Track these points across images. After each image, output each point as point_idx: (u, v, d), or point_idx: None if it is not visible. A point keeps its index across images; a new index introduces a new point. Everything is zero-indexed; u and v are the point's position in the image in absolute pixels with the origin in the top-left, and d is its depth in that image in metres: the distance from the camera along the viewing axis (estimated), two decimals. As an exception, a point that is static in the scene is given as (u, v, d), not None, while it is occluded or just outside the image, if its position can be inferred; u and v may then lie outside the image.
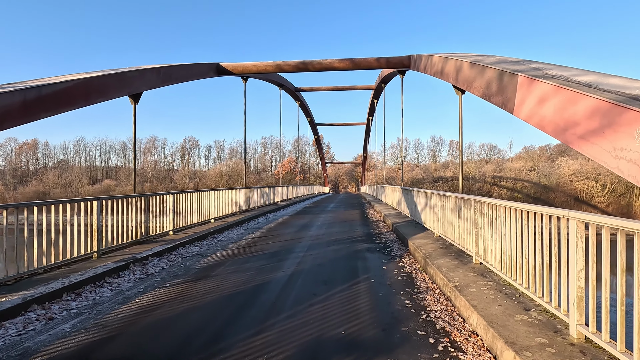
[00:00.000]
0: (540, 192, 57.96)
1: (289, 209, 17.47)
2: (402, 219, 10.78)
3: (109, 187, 72.03)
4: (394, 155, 79.25)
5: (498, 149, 78.58)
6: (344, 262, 6.13)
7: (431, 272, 5.05)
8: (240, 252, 6.94)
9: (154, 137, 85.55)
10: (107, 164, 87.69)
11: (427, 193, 8.38)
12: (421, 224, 9.07)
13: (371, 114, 32.46)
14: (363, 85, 23.93)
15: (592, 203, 54.48)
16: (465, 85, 6.31)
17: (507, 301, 3.54)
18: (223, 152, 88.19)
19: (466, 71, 6.12)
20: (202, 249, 7.26)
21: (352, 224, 11.29)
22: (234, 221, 10.84)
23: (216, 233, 8.98)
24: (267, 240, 8.26)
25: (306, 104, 31.08)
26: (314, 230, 9.97)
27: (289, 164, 74.03)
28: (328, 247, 7.47)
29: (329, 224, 11.43)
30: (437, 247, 6.39)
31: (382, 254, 6.81)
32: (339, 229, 10.23)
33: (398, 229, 8.93)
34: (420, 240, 7.12)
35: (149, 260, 5.95)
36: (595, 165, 56.06)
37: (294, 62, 10.79)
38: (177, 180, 70.79)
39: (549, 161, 64.16)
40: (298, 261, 6.17)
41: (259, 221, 12.07)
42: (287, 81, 21.82)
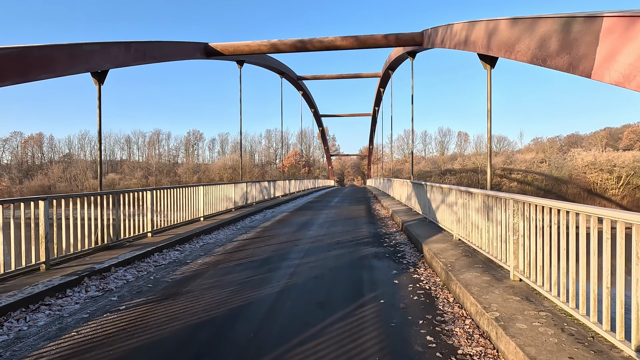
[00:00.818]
0: (551, 184, 56.27)
1: (290, 204, 16.45)
2: (412, 217, 9.69)
3: (114, 181, 71.80)
4: (400, 147, 77.79)
5: (508, 140, 76.73)
6: (347, 273, 5.08)
7: (456, 290, 3.98)
8: (226, 259, 5.92)
9: (158, 130, 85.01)
10: (112, 158, 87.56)
11: (443, 188, 7.26)
12: (435, 223, 7.98)
13: (377, 104, 31.16)
14: (369, 72, 22.64)
15: (606, 196, 52.78)
16: (503, 50, 5.03)
17: (581, 351, 2.45)
18: (227, 145, 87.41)
19: (504, 32, 4.90)
20: (183, 255, 6.26)
21: (357, 222, 10.22)
22: (227, 219, 9.84)
23: (204, 234, 7.99)
24: (260, 243, 7.23)
25: (309, 93, 29.88)
26: (314, 229, 8.93)
27: (294, 157, 72.95)
28: (329, 251, 6.42)
29: (331, 221, 10.38)
30: (458, 254, 5.30)
31: (392, 261, 5.74)
32: (342, 227, 9.18)
33: (409, 228, 7.84)
34: (437, 244, 6.04)
35: (112, 271, 4.96)
36: (610, 156, 54.18)
37: (291, 40, 9.62)
38: (181, 174, 70.23)
39: (560, 153, 62.25)
40: (291, 271, 5.14)
41: (255, 219, 11.06)
42: (289, 69, 20.63)
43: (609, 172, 52.81)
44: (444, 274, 4.55)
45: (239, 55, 11.13)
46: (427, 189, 8.73)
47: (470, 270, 4.45)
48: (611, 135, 73.84)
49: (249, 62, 13.65)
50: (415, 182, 10.49)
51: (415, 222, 8.79)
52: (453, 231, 6.42)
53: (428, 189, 8.60)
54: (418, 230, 7.56)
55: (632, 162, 52.14)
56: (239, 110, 13.27)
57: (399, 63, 16.53)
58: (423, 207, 9.30)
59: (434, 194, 7.97)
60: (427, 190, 8.63)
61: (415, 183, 10.51)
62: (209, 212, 10.11)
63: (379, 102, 29.89)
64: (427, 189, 8.65)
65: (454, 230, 6.39)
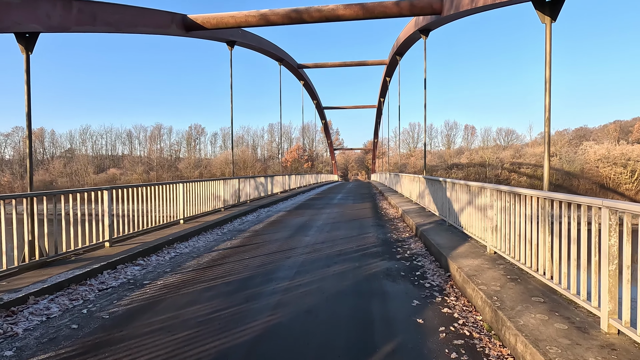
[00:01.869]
0: (562, 179, 54.50)
1: (289, 202, 15.11)
2: (427, 219, 8.31)
3: (115, 176, 71.12)
4: (405, 141, 75.94)
5: (516, 133, 74.63)
6: (350, 304, 3.74)
7: (518, 346, 2.61)
8: (195, 278, 4.60)
9: (159, 125, 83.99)
10: (114, 153, 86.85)
11: (471, 187, 5.86)
12: (458, 228, 6.60)
13: (383, 95, 29.60)
14: (374, 60, 21.11)
15: (619, 190, 51.03)
16: None
17: None
18: (229, 139, 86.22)
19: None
20: (143, 271, 4.94)
21: (363, 224, 8.86)
22: (213, 221, 8.53)
23: (179, 241, 6.67)
24: (245, 254, 5.90)
25: (311, 84, 28.37)
26: (312, 234, 7.59)
27: (296, 151, 71.52)
28: (328, 267, 5.08)
29: (332, 224, 9.02)
30: (502, 277, 3.93)
31: (410, 282, 4.39)
32: (345, 231, 7.83)
33: (426, 234, 6.47)
34: (468, 260, 4.66)
35: (29, 302, 3.65)
36: (624, 149, 52.23)
37: (284, 10, 8.14)
38: (182, 169, 69.22)
39: (571, 146, 60.32)
40: (276, 300, 3.80)
41: (246, 220, 9.74)
42: (288, 55, 19.16)
43: (623, 166, 50.99)
44: (490, 311, 3.18)
45: (225, 31, 9.72)
46: (446, 186, 7.33)
47: (529, 307, 3.07)
48: (621, 128, 71.75)
49: (242, 44, 12.23)
50: (430, 178, 9.09)
51: (431, 225, 7.41)
52: (487, 242, 5.03)
53: (448, 186, 7.20)
54: (437, 237, 6.19)
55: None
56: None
57: (408, 46, 14.98)
58: (441, 208, 7.91)
59: (457, 193, 6.57)
60: (447, 188, 7.23)
61: (430, 179, 9.11)
62: (192, 214, 8.79)
63: (385, 93, 28.36)
64: (447, 187, 7.25)
65: (487, 240, 5.00)
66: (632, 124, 72.43)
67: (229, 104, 53.00)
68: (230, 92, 11.51)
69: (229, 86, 11.98)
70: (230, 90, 11.47)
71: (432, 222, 7.88)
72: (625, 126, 72.92)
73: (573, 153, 57.10)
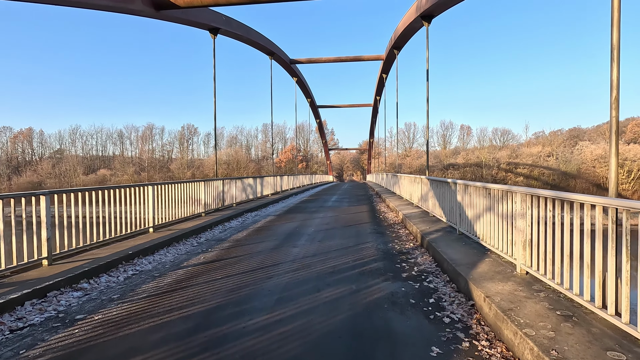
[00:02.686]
0: (559, 179, 54.10)
1: (280, 204, 14.06)
2: (432, 225, 7.32)
3: (105, 177, 69.58)
4: (400, 141, 75.13)
5: (512, 133, 74.21)
6: (345, 356, 2.71)
7: None
8: (146, 310, 3.56)
9: (151, 125, 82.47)
10: (105, 153, 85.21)
11: (491, 190, 4.86)
12: (472, 238, 5.62)
13: (379, 93, 28.67)
14: (370, 55, 20.13)
15: (616, 190, 50.56)
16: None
17: None
18: (223, 139, 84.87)
19: None
20: (83, 300, 3.88)
21: (360, 232, 7.84)
22: (189, 229, 7.47)
23: (141, 255, 5.60)
24: (217, 272, 4.86)
25: (305, 81, 27.33)
26: (302, 244, 6.56)
27: (291, 152, 70.39)
28: (318, 291, 4.05)
29: (326, 230, 8.00)
30: (549, 312, 2.93)
31: (425, 316, 3.38)
32: (340, 241, 6.81)
33: (434, 245, 5.48)
34: (496, 284, 3.67)
35: None
36: (621, 149, 51.90)
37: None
38: (174, 170, 67.84)
39: (568, 146, 60.01)
40: (243, 352, 2.77)
41: (229, 226, 8.67)
42: (279, 49, 18.09)
43: (620, 165, 50.66)
44: (550, 375, 2.18)
45: (203, 15, 8.69)
46: (456, 189, 6.34)
47: (611, 373, 2.07)
48: (613, 128, 71.60)
49: (227, 32, 11.17)
50: (435, 179, 8.10)
51: (439, 234, 6.42)
52: (516, 259, 4.04)
53: (459, 189, 6.20)
54: (449, 249, 5.20)
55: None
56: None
57: (407, 37, 13.99)
58: (449, 214, 6.92)
59: (472, 197, 5.57)
60: (458, 191, 6.24)
61: (435, 180, 8.12)
62: (166, 220, 7.72)
63: (381, 91, 27.42)
64: (458, 190, 6.25)
65: (517, 257, 4.00)
66: (625, 124, 72.53)
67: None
68: (214, 84, 10.44)
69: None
70: (213, 83, 10.40)
71: (439, 229, 6.88)
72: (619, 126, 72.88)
73: (569, 153, 56.79)
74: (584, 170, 52.77)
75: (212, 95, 10.90)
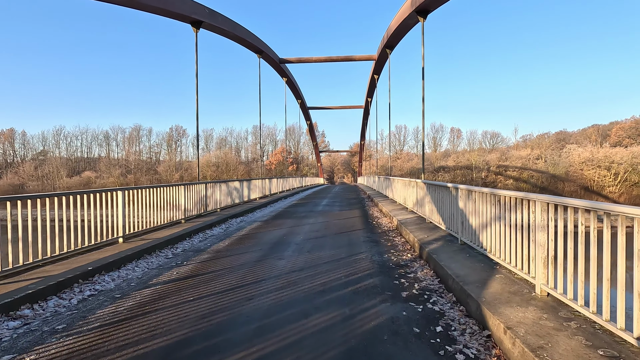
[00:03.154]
0: (548, 181, 54.57)
1: (268, 209, 13.40)
2: (431, 233, 6.78)
3: (90, 180, 67.83)
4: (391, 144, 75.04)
5: (501, 136, 74.94)
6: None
7: None
8: (91, 348, 2.89)
9: (138, 126, 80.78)
10: (90, 155, 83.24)
11: (500, 197, 4.31)
12: (475, 249, 5.09)
13: (370, 94, 28.24)
14: (362, 55, 19.65)
15: (603, 193, 51.30)
16: None
17: None
18: (212, 141, 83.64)
19: None
20: (18, 333, 3.19)
21: (353, 240, 7.25)
22: (166, 238, 6.77)
23: (104, 271, 4.89)
24: (189, 292, 4.20)
25: (295, 81, 26.73)
26: (289, 255, 5.93)
27: (281, 154, 69.62)
28: (305, 317, 3.43)
29: (316, 239, 7.39)
30: (586, 348, 2.38)
31: (433, 351, 2.78)
32: (331, 251, 6.21)
33: (435, 257, 4.92)
34: (515, 309, 3.10)
35: None
36: (608, 152, 52.55)
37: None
38: (162, 172, 66.38)
39: (556, 149, 60.69)
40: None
41: (210, 234, 7.99)
42: (268, 47, 17.47)
43: (607, 168, 51.31)
44: None
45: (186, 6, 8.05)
46: (458, 194, 5.80)
47: None
48: (599, 132, 73.10)
49: (211, 27, 10.50)
50: (433, 183, 7.56)
51: (439, 244, 5.87)
52: (536, 279, 3.49)
53: (461, 194, 5.66)
54: (453, 263, 4.64)
55: (630, 159, 50.69)
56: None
57: (400, 35, 13.52)
58: (449, 221, 6.39)
59: (476, 204, 5.03)
60: (460, 196, 5.70)
61: (433, 185, 7.59)
62: (140, 228, 7.01)
63: (372, 92, 27.00)
64: (460, 196, 5.71)
65: (537, 276, 3.46)
66: (609, 128, 73.98)
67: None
68: (196, 81, 9.75)
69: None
70: (195, 79, 9.71)
71: (438, 238, 6.34)
72: (603, 130, 74.45)
73: (557, 156, 57.35)
74: (572, 173, 53.33)
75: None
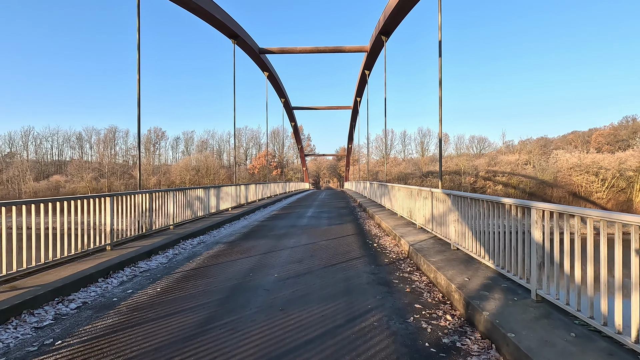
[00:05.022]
0: (536, 187, 53.81)
1: (240, 223, 10.90)
2: (467, 270, 4.49)
3: (58, 184, 63.42)
4: (378, 148, 73.39)
5: (488, 141, 74.43)
6: None
7: None
8: None
9: (114, 127, 76.55)
10: (61, 158, 78.47)
11: None
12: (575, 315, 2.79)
13: (360, 94, 26.10)
14: (353, 45, 17.47)
15: (591, 199, 50.76)
16: None
17: None
18: (192, 144, 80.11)
19: None
20: None
21: (352, 279, 4.87)
22: (55, 284, 4.24)
23: None
24: None
25: (277, 77, 24.32)
26: (250, 319, 3.51)
27: (265, 157, 66.91)
28: None
29: (297, 277, 4.98)
30: None
31: None
32: (319, 307, 3.82)
33: (511, 338, 2.61)
34: None
35: None
36: (596, 158, 52.15)
37: None
38: (137, 176, 62.53)
39: (543, 154, 60.27)
40: None
41: (143, 268, 5.46)
42: (245, 32, 15.02)
43: (595, 174, 50.85)
44: None
45: None
46: (533, 217, 3.50)
47: None
48: (579, 138, 73.69)
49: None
50: (467, 195, 5.28)
51: (495, 295, 3.57)
52: None
53: (536, 218, 3.37)
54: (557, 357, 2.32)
55: (617, 165, 50.41)
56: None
57: (399, 17, 11.28)
58: (506, 257, 4.09)
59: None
60: (536, 222, 3.40)
61: (466, 198, 5.30)
62: (26, 266, 4.44)
63: (362, 91, 24.86)
64: (536, 220, 3.42)
65: None
66: (589, 135, 74.73)
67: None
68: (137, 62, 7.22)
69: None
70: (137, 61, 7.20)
71: (487, 282, 4.05)
72: (583, 136, 75.16)
73: (544, 161, 56.81)
74: (561, 178, 52.70)
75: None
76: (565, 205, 3.31)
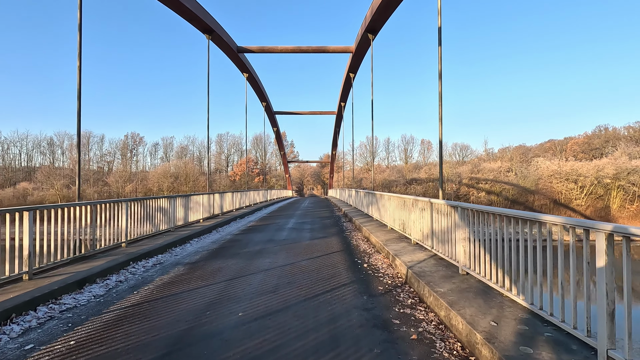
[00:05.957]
0: (518, 194, 54.26)
1: (210, 237, 9.59)
2: (489, 307, 3.44)
3: (26, 192, 59.73)
4: (362, 155, 72.92)
5: (471, 148, 75.19)
6: None
7: None
8: None
9: (88, 132, 73.20)
10: (30, 164, 74.48)
11: None
12: None
13: (344, 98, 25.22)
14: (337, 46, 16.54)
15: (571, 206, 51.49)
16: None
17: None
18: (172, 150, 77.61)
19: None
20: None
21: (339, 322, 3.71)
22: None
23: None
24: None
25: (258, 79, 23.14)
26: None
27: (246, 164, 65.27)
28: None
29: (266, 317, 3.78)
30: None
31: None
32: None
33: None
34: None
35: None
36: (575, 165, 53.11)
37: None
38: (112, 183, 59.63)
39: (524, 162, 61.16)
40: None
41: (64, 307, 4.14)
42: (221, 28, 13.83)
43: (574, 181, 51.70)
44: None
45: None
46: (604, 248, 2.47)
47: None
48: (556, 146, 75.66)
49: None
50: (480, 208, 4.25)
51: (542, 353, 2.50)
52: None
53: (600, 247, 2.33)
54: None
55: (595, 172, 51.45)
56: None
57: (390, 9, 10.39)
58: (546, 295, 3.04)
59: None
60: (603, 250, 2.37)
61: (476, 210, 4.27)
62: None
63: (347, 95, 23.98)
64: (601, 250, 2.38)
65: None
66: (564, 143, 76.78)
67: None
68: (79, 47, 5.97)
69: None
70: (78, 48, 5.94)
71: (523, 328, 2.99)
72: (559, 145, 77.22)
73: (525, 169, 57.55)
74: (542, 185, 53.33)
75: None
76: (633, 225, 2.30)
